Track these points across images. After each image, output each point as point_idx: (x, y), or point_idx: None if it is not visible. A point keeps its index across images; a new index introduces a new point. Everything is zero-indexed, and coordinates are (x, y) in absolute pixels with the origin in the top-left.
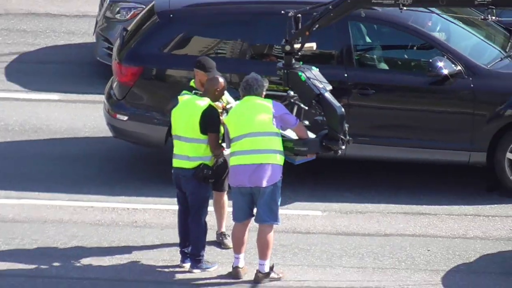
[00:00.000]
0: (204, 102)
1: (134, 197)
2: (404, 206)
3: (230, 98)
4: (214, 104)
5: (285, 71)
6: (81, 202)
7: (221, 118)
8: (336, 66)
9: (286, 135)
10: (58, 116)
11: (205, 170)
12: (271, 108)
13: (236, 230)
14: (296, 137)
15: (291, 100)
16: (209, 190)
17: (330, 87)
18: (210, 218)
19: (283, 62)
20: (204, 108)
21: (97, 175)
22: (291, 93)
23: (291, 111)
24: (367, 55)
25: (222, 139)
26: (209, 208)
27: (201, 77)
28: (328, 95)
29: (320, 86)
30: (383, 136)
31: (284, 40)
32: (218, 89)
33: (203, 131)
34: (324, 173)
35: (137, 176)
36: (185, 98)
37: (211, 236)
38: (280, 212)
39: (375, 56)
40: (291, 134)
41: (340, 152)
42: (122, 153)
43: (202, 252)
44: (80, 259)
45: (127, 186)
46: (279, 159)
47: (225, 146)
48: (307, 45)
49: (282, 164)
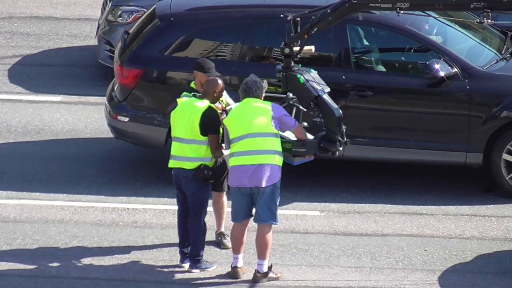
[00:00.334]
0: (203, 104)
1: (135, 197)
2: (401, 206)
3: (230, 100)
4: (213, 105)
5: (284, 73)
6: (82, 203)
7: (220, 119)
8: (334, 69)
9: (285, 137)
10: (60, 117)
11: (205, 171)
12: (270, 110)
13: (235, 230)
14: (294, 138)
15: (290, 102)
16: (209, 191)
17: (328, 89)
18: (209, 218)
19: (282, 64)
20: (203, 110)
21: (98, 175)
22: (290, 95)
23: (290, 113)
24: (365, 58)
25: (221, 140)
26: (208, 208)
27: (200, 78)
28: (326, 97)
29: (319, 88)
30: (380, 137)
31: (283, 43)
32: (217, 90)
33: (203, 132)
34: (322, 174)
35: (137, 176)
36: (183, 100)
37: (210, 236)
38: (278, 212)
39: (372, 58)
40: (289, 135)
41: (337, 153)
42: (123, 154)
43: (201, 252)
44: (81, 259)
45: (128, 187)
46: (278, 160)
47: (224, 147)
48: (306, 48)
49: (281, 165)
